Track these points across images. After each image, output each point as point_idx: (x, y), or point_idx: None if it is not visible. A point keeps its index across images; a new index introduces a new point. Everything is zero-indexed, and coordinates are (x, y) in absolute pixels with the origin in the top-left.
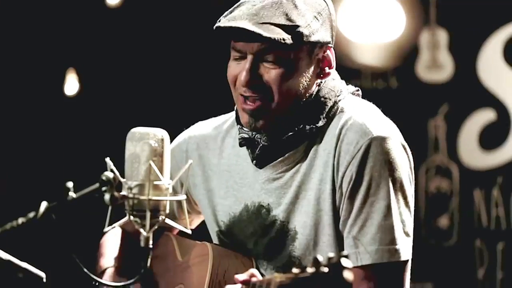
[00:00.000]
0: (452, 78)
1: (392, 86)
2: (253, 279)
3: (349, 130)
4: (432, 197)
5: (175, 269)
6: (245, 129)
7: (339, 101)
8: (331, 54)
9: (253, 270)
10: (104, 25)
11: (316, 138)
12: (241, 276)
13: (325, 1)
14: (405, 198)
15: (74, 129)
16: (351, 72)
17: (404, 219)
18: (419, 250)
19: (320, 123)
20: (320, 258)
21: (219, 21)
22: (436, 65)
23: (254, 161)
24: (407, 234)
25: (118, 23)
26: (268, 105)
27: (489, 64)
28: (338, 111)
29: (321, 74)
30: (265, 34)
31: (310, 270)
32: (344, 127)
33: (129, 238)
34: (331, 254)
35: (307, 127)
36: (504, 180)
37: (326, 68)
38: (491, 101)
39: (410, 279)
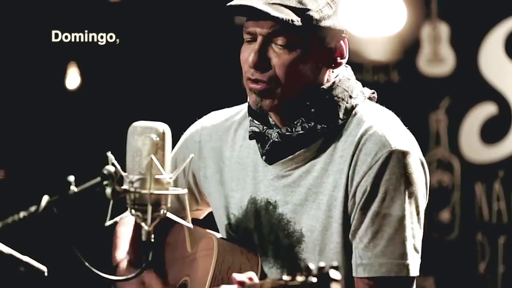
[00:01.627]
0: (454, 72)
1: (393, 79)
2: (248, 282)
3: (368, 140)
4: (433, 191)
5: (184, 260)
6: (256, 122)
7: (356, 105)
8: (344, 44)
9: (251, 273)
10: (105, 19)
11: (330, 140)
12: (239, 276)
13: None
14: (418, 213)
15: (76, 123)
16: (352, 66)
17: (415, 235)
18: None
19: (333, 124)
20: (312, 266)
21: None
22: (438, 58)
23: (264, 157)
24: (416, 250)
25: (120, 17)
26: (275, 88)
27: (491, 58)
28: (355, 116)
29: (332, 63)
30: (273, 13)
31: (299, 278)
32: (363, 136)
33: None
34: (322, 264)
35: (319, 126)
36: (506, 173)
37: (338, 58)
38: (493, 94)
39: None
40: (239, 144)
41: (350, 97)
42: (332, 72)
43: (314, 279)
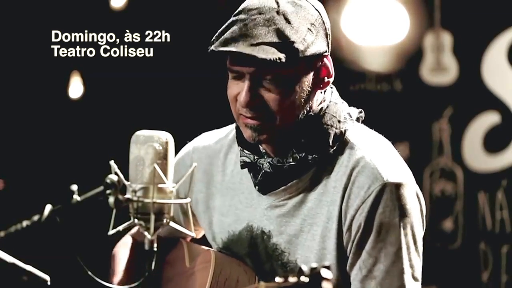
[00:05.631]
0: (457, 81)
1: (396, 89)
2: None
3: (361, 173)
4: (436, 200)
5: (182, 275)
6: (246, 152)
7: (345, 130)
8: (328, 62)
9: None
10: (108, 27)
11: (322, 169)
12: None
13: (317, 10)
14: (415, 242)
15: (79, 132)
16: (355, 75)
17: (413, 264)
18: (423, 253)
19: (324, 153)
20: (304, 268)
21: (212, 42)
22: (441, 67)
23: (257, 187)
24: (416, 279)
25: (123, 26)
26: (271, 122)
27: (494, 67)
28: (346, 143)
29: (320, 84)
30: (260, 55)
31: (292, 280)
32: (355, 168)
33: (140, 249)
34: (314, 265)
35: (310, 156)
36: (509, 183)
37: (325, 78)
38: (496, 103)
39: None
40: (230, 169)
41: (339, 121)
42: (321, 92)
43: (306, 279)
